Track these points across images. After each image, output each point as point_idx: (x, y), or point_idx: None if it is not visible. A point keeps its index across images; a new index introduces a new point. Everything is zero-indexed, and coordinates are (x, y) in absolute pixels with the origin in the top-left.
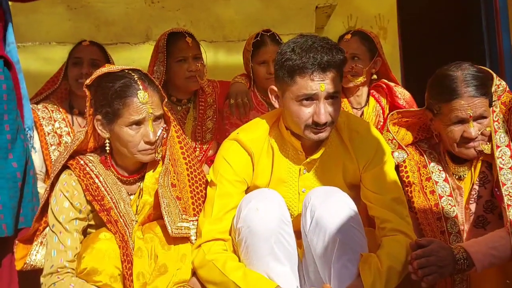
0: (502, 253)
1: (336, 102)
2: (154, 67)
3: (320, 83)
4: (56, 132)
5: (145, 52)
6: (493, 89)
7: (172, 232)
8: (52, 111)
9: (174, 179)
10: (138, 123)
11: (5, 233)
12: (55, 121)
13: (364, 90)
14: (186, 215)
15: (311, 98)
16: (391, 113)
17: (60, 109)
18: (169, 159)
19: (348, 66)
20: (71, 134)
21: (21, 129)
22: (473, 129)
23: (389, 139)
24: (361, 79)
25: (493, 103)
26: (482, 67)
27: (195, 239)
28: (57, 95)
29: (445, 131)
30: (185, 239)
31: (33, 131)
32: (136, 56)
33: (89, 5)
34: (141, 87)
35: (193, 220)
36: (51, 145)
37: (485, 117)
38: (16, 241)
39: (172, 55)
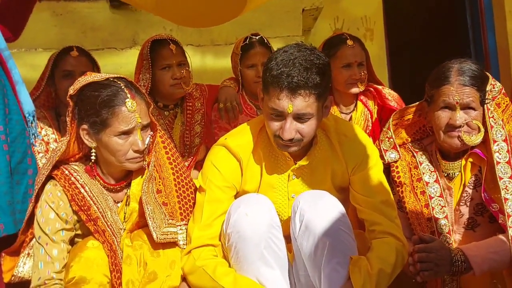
0: (504, 258)
1: (308, 121)
2: (140, 75)
3: (289, 104)
4: (43, 140)
5: (132, 57)
6: (488, 88)
7: (157, 238)
8: (39, 118)
9: (159, 185)
10: (127, 132)
11: (1, 234)
12: (41, 128)
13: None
14: (173, 220)
15: (279, 114)
16: (394, 112)
17: (47, 116)
18: (154, 166)
19: (357, 73)
20: (58, 141)
21: (17, 123)
22: (459, 116)
23: (387, 137)
24: (364, 84)
25: (487, 100)
26: (481, 68)
27: (183, 244)
28: (40, 101)
29: (433, 119)
30: (174, 245)
31: (35, 116)
32: (123, 61)
33: (75, 10)
34: (128, 95)
35: (180, 225)
36: (39, 152)
37: (472, 108)
38: (3, 254)
39: (156, 63)
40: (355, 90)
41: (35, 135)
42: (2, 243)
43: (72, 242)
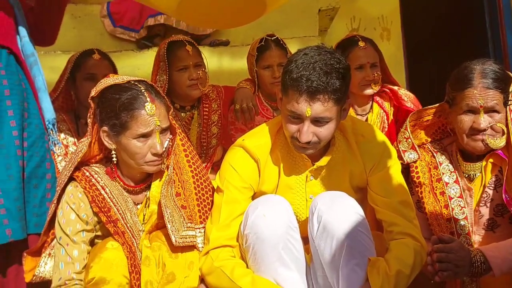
0: None
1: (326, 125)
2: (157, 76)
3: (307, 108)
4: (62, 143)
5: (149, 58)
6: (511, 89)
7: (176, 241)
8: (57, 121)
9: (179, 188)
10: (146, 135)
11: (8, 239)
12: (60, 131)
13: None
14: (192, 223)
15: (297, 116)
16: (412, 113)
17: (65, 119)
18: (173, 169)
19: (370, 74)
20: (77, 144)
21: (36, 127)
22: (483, 120)
23: (405, 137)
24: (378, 85)
25: (510, 101)
26: (503, 68)
27: (202, 247)
28: (58, 104)
29: (456, 122)
30: (192, 247)
31: (55, 126)
32: (140, 63)
33: (93, 13)
34: (148, 99)
35: (199, 228)
36: (58, 155)
37: (496, 111)
38: (25, 253)
39: (173, 64)
40: (369, 91)
41: (55, 142)
42: (22, 244)
43: (92, 243)
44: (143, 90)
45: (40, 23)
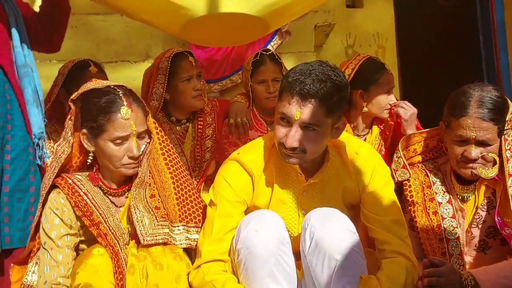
0: None
1: (312, 133)
2: (153, 89)
3: (297, 111)
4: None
5: (144, 70)
6: (507, 117)
7: (144, 241)
8: (51, 132)
9: (154, 190)
10: (122, 138)
11: None
12: (54, 143)
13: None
14: (166, 220)
15: (287, 120)
16: (404, 137)
17: (58, 130)
18: (149, 172)
19: (394, 98)
20: (55, 148)
21: (21, 139)
22: (474, 150)
23: (397, 157)
24: None
25: (506, 131)
26: (502, 95)
27: (180, 244)
28: (49, 114)
29: (449, 147)
30: (178, 259)
31: (43, 140)
32: (135, 74)
33: (90, 23)
34: (125, 103)
35: (177, 226)
36: None
37: (489, 145)
38: (12, 264)
39: (177, 76)
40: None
41: (42, 156)
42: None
43: (76, 249)
44: (121, 94)
45: (49, 31)
